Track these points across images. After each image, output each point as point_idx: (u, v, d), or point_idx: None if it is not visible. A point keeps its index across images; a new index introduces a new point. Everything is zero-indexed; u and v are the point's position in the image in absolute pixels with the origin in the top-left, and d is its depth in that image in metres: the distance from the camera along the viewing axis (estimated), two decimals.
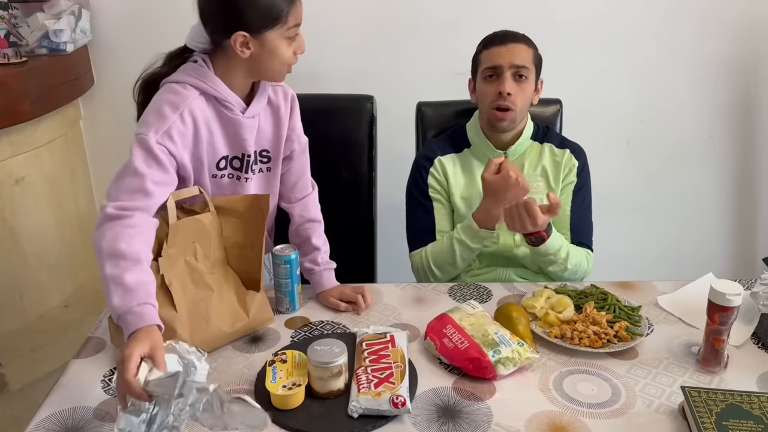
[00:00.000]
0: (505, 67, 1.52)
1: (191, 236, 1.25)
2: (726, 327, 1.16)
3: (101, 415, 1.09)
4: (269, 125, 1.43)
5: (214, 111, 1.32)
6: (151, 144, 1.21)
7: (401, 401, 1.05)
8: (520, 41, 1.54)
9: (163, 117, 1.24)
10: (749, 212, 2.57)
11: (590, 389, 1.14)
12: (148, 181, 1.19)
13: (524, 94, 1.54)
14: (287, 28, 1.26)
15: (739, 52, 2.33)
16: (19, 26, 2.05)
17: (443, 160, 1.64)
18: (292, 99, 1.47)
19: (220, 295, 1.27)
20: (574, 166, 1.61)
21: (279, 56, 1.29)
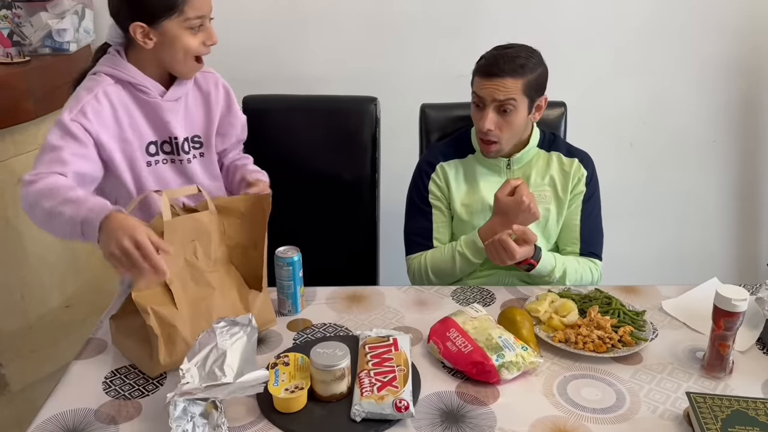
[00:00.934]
0: (488, 101, 1.48)
1: (190, 235, 1.25)
2: (731, 332, 1.15)
3: (102, 416, 1.08)
4: (200, 112, 1.49)
5: (130, 96, 1.38)
6: (66, 122, 1.29)
7: (404, 405, 1.05)
8: (506, 75, 1.45)
9: (78, 99, 1.33)
10: (752, 215, 2.56)
11: (594, 394, 1.13)
12: (65, 152, 1.27)
13: (510, 125, 1.49)
14: (185, 19, 1.30)
15: (743, 54, 2.33)
16: (22, 25, 2.05)
17: (445, 167, 1.63)
18: (224, 87, 1.55)
19: (222, 293, 1.27)
20: (583, 175, 1.59)
21: (181, 46, 1.33)
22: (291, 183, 1.92)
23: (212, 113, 1.50)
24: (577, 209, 1.59)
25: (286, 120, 1.93)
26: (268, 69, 2.26)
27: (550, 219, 1.58)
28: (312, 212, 1.94)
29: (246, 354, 1.10)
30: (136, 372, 1.19)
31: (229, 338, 1.11)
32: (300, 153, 1.92)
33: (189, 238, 1.24)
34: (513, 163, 1.59)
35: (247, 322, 1.14)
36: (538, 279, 1.52)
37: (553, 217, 1.58)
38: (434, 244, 1.63)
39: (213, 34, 1.36)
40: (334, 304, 1.42)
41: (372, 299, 1.44)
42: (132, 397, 1.13)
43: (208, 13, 1.34)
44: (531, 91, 1.49)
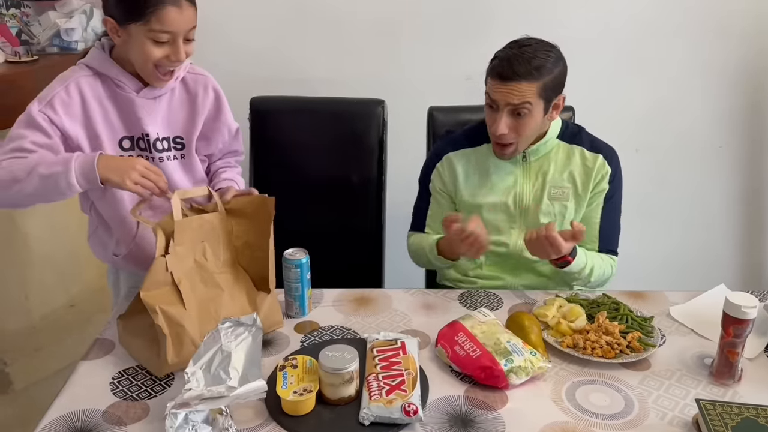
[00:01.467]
0: (501, 105, 1.42)
1: (199, 235, 1.25)
2: (741, 340, 1.15)
3: (110, 417, 1.08)
4: (184, 113, 1.48)
5: (107, 90, 1.38)
6: (33, 113, 1.30)
7: (413, 409, 1.04)
8: (520, 78, 1.39)
9: (50, 90, 1.34)
10: (758, 220, 2.56)
11: (603, 400, 1.13)
12: (27, 142, 1.29)
13: (525, 127, 1.44)
14: (150, 29, 1.29)
15: (748, 58, 2.33)
16: (30, 25, 2.05)
17: (452, 158, 1.60)
18: (215, 91, 1.52)
19: (231, 294, 1.27)
20: (606, 173, 1.53)
21: (141, 52, 1.32)
22: (297, 185, 1.93)
23: (196, 116, 1.49)
24: (598, 207, 1.55)
25: (293, 122, 1.93)
26: (275, 71, 2.26)
27: (567, 216, 1.55)
28: (318, 214, 1.94)
29: (251, 355, 1.09)
30: (143, 373, 1.19)
31: (234, 339, 1.11)
32: (307, 155, 1.92)
33: (198, 238, 1.24)
34: (529, 155, 1.54)
35: (251, 322, 1.14)
36: (565, 277, 1.50)
37: (571, 213, 1.55)
38: (426, 230, 1.66)
39: (180, 53, 1.32)
40: (341, 306, 1.42)
41: (379, 302, 1.44)
42: (140, 398, 1.12)
43: (180, 32, 1.30)
44: (548, 93, 1.43)
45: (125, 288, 1.56)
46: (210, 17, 2.19)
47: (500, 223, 1.57)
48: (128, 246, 1.49)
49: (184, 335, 1.17)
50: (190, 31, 1.34)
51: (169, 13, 1.27)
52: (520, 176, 1.55)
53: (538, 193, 1.55)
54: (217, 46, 2.22)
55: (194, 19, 1.34)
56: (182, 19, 1.29)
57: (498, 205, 1.56)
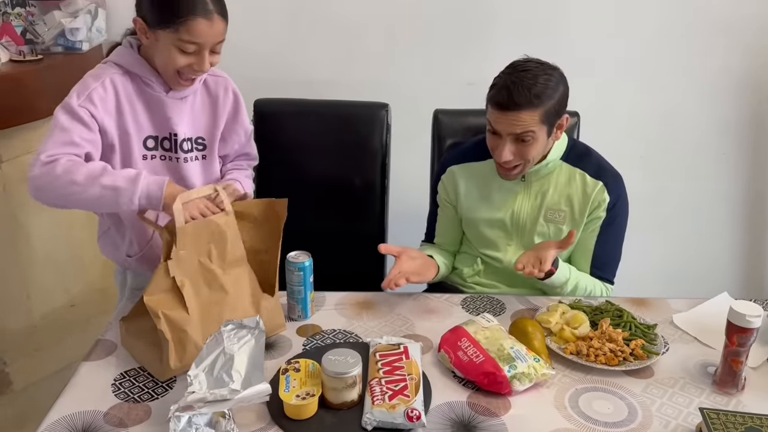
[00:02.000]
0: (504, 135, 1.40)
1: (205, 237, 1.24)
2: (745, 348, 1.14)
3: (111, 419, 1.08)
4: (206, 114, 1.50)
5: (136, 88, 1.39)
6: (74, 106, 1.30)
7: (416, 414, 1.04)
8: (521, 108, 1.35)
9: (85, 86, 1.34)
10: (761, 228, 2.55)
11: (606, 407, 1.12)
12: (75, 136, 1.29)
13: (529, 152, 1.42)
14: (178, 38, 1.30)
15: (753, 68, 2.33)
16: (35, 24, 2.05)
17: (455, 171, 1.61)
18: (234, 93, 1.54)
19: (235, 297, 1.26)
20: (604, 201, 1.49)
21: (165, 57, 1.33)
22: (301, 187, 1.92)
23: (218, 117, 1.51)
24: (594, 233, 1.53)
25: (297, 124, 1.93)
26: (280, 73, 2.26)
27: (561, 238, 1.52)
28: (321, 217, 1.94)
29: (254, 358, 1.09)
30: (145, 375, 1.19)
31: (236, 342, 1.10)
32: (310, 157, 1.92)
33: (204, 240, 1.23)
34: (529, 175, 1.52)
35: (254, 324, 1.14)
36: (547, 288, 1.51)
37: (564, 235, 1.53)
38: (435, 241, 1.69)
39: (204, 63, 1.34)
40: (343, 310, 1.42)
41: (382, 306, 1.44)
42: (141, 400, 1.12)
43: (207, 44, 1.32)
44: (550, 118, 1.40)
45: (131, 288, 1.56)
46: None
47: (497, 239, 1.58)
48: (142, 247, 1.49)
49: (186, 340, 1.16)
50: (218, 44, 1.36)
51: (199, 25, 1.29)
52: (520, 195, 1.55)
53: (535, 213, 1.54)
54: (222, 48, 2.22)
55: (223, 32, 1.35)
56: (211, 32, 1.31)
57: (495, 221, 1.56)
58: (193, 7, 1.28)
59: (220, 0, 1.33)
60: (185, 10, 1.27)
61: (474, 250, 1.64)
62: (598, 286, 1.54)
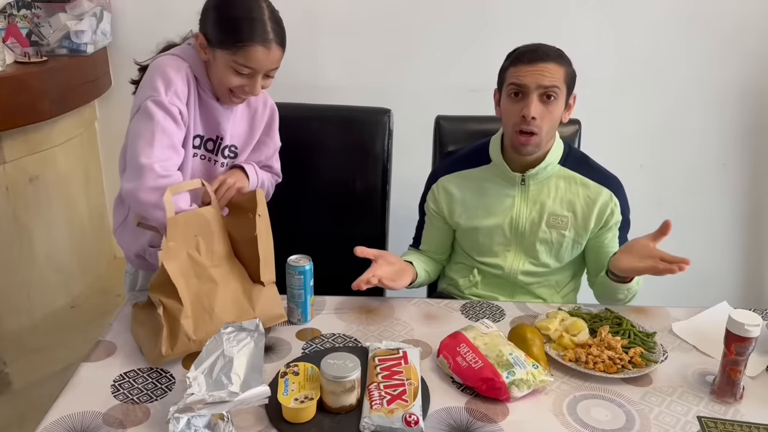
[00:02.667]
0: (532, 88, 1.40)
1: (193, 229, 1.25)
2: (743, 358, 1.14)
3: (110, 420, 1.08)
4: (245, 124, 1.54)
5: (195, 88, 1.42)
6: (166, 103, 1.33)
7: (414, 420, 1.04)
8: (550, 60, 1.40)
9: (168, 79, 1.36)
10: (761, 238, 2.56)
11: (604, 415, 1.12)
12: (175, 138, 1.35)
13: (552, 116, 1.42)
14: (234, 60, 1.34)
15: (756, 79, 2.34)
16: (41, 26, 2.07)
17: (446, 182, 1.60)
18: (271, 108, 1.59)
19: (225, 288, 1.27)
20: (616, 205, 1.52)
21: (220, 76, 1.38)
22: (302, 191, 1.93)
23: (254, 129, 1.56)
24: (615, 238, 1.55)
25: (300, 128, 1.93)
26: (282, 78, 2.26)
27: (564, 244, 1.54)
28: (322, 221, 1.94)
29: (253, 360, 1.10)
30: (144, 376, 1.19)
31: (236, 344, 1.11)
32: (312, 161, 1.93)
33: (192, 232, 1.25)
34: (528, 179, 1.52)
35: (254, 327, 1.15)
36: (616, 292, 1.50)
37: (568, 243, 1.54)
38: (421, 247, 1.70)
39: (256, 87, 1.38)
40: (343, 314, 1.42)
41: (381, 311, 1.44)
42: (140, 402, 1.12)
43: (261, 70, 1.36)
44: (570, 82, 1.44)
45: (140, 290, 1.57)
46: None
47: (495, 246, 1.58)
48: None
49: (178, 329, 1.18)
50: (272, 70, 1.40)
51: (257, 53, 1.33)
52: (517, 199, 1.54)
53: (535, 218, 1.53)
54: None
55: (279, 60, 1.39)
56: (268, 60, 1.35)
57: (494, 228, 1.56)
58: (253, 35, 1.32)
59: (281, 30, 1.38)
60: (246, 37, 1.32)
61: (470, 260, 1.63)
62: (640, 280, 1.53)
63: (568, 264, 1.60)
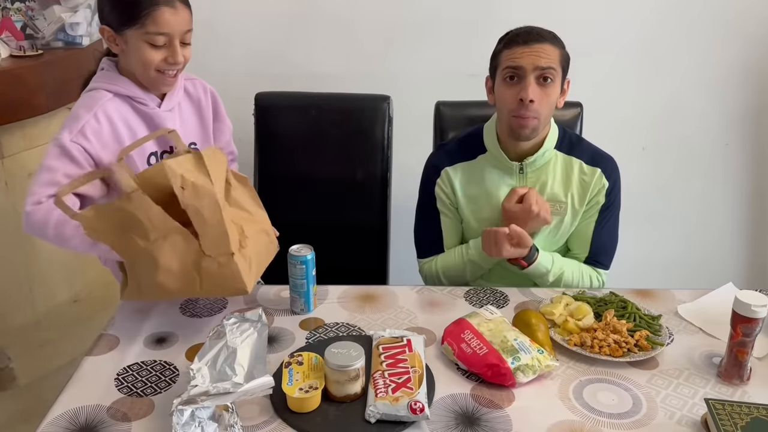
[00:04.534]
0: (528, 70, 1.38)
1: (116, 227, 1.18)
2: (750, 339, 1.13)
3: (115, 413, 1.08)
4: (194, 118, 1.51)
5: (131, 109, 1.38)
6: (65, 143, 1.29)
7: (419, 407, 1.03)
8: (545, 40, 1.39)
9: (77, 118, 1.32)
10: (764, 219, 2.54)
11: (611, 399, 1.12)
12: (59, 174, 1.28)
13: (549, 99, 1.40)
14: (146, 32, 1.29)
15: (757, 60, 2.31)
16: (35, 19, 2.04)
17: (450, 172, 1.56)
18: (212, 92, 1.56)
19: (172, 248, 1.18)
20: (603, 187, 1.50)
21: (140, 57, 1.32)
22: (302, 181, 1.93)
23: (205, 120, 1.53)
24: (593, 219, 1.53)
25: (298, 117, 1.92)
26: (281, 67, 2.26)
27: (562, 228, 1.53)
28: (323, 210, 1.94)
29: (257, 351, 1.09)
30: (148, 369, 1.19)
31: (239, 335, 1.11)
32: (312, 150, 1.92)
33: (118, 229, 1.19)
34: (526, 166, 1.50)
35: (257, 318, 1.15)
36: (533, 278, 1.51)
37: (566, 226, 1.53)
38: (446, 250, 1.61)
39: (177, 54, 1.33)
40: (346, 303, 1.41)
41: (384, 299, 1.43)
42: (145, 395, 1.12)
43: (175, 33, 1.32)
44: (564, 64, 1.43)
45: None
46: (215, 15, 2.18)
47: None
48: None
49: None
50: (186, 34, 1.35)
51: (164, 14, 1.28)
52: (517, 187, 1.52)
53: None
54: (223, 43, 2.22)
55: (189, 21, 1.34)
56: (177, 20, 1.31)
57: (494, 219, 1.54)
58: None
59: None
60: (147, 2, 1.28)
61: None
62: (586, 276, 1.53)
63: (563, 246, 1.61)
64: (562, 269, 1.50)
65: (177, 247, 1.17)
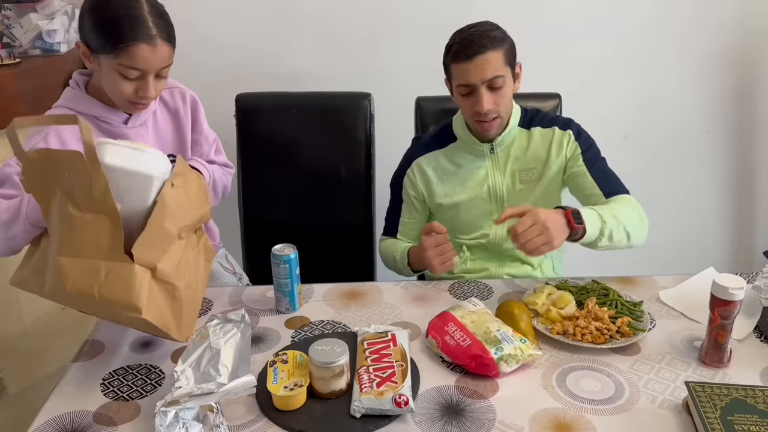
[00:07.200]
0: (478, 84, 1.43)
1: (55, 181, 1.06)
2: (729, 321, 1.15)
3: (101, 418, 1.08)
4: (170, 130, 1.45)
5: (94, 128, 1.29)
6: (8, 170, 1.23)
7: (404, 400, 1.04)
8: (486, 49, 1.41)
9: (26, 144, 1.24)
10: (747, 205, 2.57)
11: (593, 385, 1.13)
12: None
13: (504, 98, 1.47)
14: (120, 63, 1.23)
15: (737, 46, 2.33)
16: (12, 27, 2.03)
17: (422, 163, 1.62)
18: (192, 100, 1.48)
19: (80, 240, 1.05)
20: (569, 136, 1.55)
21: (110, 84, 1.27)
22: (286, 180, 1.93)
23: (183, 130, 1.47)
24: (583, 167, 1.53)
25: (280, 117, 1.92)
26: (260, 67, 2.25)
27: (543, 189, 1.57)
28: (307, 209, 1.94)
29: (240, 351, 1.10)
30: (134, 373, 1.19)
31: (222, 336, 1.11)
32: (294, 150, 1.92)
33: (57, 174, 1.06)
34: (496, 146, 1.56)
35: (240, 318, 1.16)
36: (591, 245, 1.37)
37: (541, 191, 1.57)
38: (398, 236, 1.68)
39: (148, 89, 1.27)
40: (331, 300, 1.42)
41: (370, 295, 1.44)
42: (131, 398, 1.12)
43: (150, 69, 1.25)
44: (510, 59, 1.47)
45: None
46: (193, 16, 2.18)
47: (479, 218, 1.60)
48: None
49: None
50: (164, 69, 1.29)
51: (141, 51, 1.22)
52: (490, 169, 1.58)
53: (509, 181, 1.57)
54: (202, 44, 2.21)
55: (168, 57, 1.28)
56: (154, 58, 1.24)
57: (473, 200, 1.58)
58: (135, 34, 1.21)
59: (165, 24, 1.26)
60: (127, 36, 1.21)
61: (456, 241, 1.62)
62: (631, 204, 1.44)
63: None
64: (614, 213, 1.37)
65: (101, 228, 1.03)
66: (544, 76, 1.85)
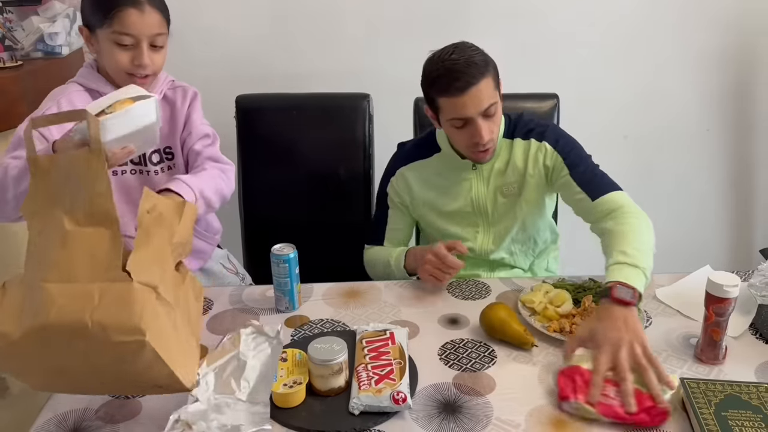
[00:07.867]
0: (475, 116, 1.39)
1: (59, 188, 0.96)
2: (724, 318, 1.16)
3: (103, 416, 1.09)
4: (165, 123, 1.49)
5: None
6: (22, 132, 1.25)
7: (402, 397, 1.06)
8: (477, 80, 1.36)
9: (41, 107, 1.37)
10: (745, 204, 2.58)
11: None
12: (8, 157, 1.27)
13: (498, 122, 1.45)
14: (113, 32, 1.31)
15: (736, 44, 2.34)
16: (14, 30, 2.05)
17: (405, 172, 1.61)
18: (192, 96, 1.53)
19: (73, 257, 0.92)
20: (543, 149, 1.51)
21: (110, 58, 1.35)
22: (285, 181, 1.94)
23: (177, 124, 1.51)
24: (567, 176, 1.48)
25: (280, 118, 1.94)
26: (261, 68, 2.27)
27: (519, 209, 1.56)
28: (307, 209, 1.95)
29: (266, 370, 1.07)
30: None
31: (253, 348, 1.10)
32: (294, 151, 1.93)
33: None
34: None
35: (274, 334, 1.13)
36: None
37: (522, 205, 1.55)
38: (385, 243, 1.66)
39: (142, 57, 1.33)
40: (330, 299, 1.43)
41: (368, 294, 1.45)
42: (132, 396, 1.13)
43: (142, 35, 1.32)
44: (497, 80, 1.43)
45: None
46: (194, 18, 2.19)
47: (463, 231, 1.60)
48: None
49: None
50: (157, 38, 1.35)
51: (130, 16, 1.30)
52: (474, 181, 1.56)
53: (492, 195, 1.56)
54: (202, 46, 2.23)
55: (160, 25, 1.34)
56: (143, 22, 1.32)
57: (457, 213, 1.58)
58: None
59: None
60: (115, 3, 1.30)
61: None
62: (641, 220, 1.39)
63: (537, 228, 1.61)
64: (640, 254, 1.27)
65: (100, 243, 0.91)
66: (543, 77, 1.86)
